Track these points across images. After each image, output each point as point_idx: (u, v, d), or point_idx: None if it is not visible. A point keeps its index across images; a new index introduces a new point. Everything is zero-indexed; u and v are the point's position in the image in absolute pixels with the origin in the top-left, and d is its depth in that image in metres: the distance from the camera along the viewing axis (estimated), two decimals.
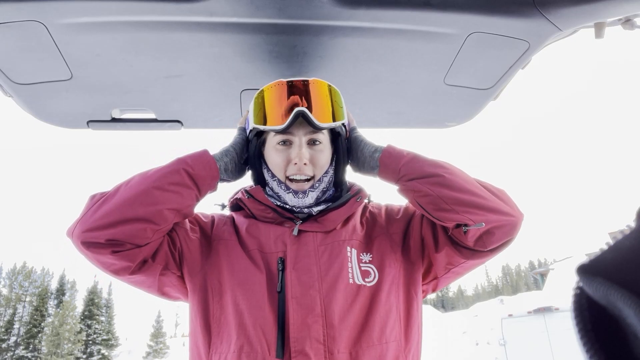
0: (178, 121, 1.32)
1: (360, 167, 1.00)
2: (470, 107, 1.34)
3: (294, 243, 0.91)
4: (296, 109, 0.90)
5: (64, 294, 47.92)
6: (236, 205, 1.03)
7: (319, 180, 0.95)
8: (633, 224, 0.25)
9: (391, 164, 0.93)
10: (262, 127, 0.94)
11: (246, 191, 0.97)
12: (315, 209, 0.94)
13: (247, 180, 1.05)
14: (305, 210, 0.94)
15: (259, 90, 0.97)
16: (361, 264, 0.90)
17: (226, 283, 0.89)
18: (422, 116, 1.38)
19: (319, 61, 1.12)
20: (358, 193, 0.98)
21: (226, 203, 1.04)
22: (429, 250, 0.95)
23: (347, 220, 0.97)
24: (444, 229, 0.93)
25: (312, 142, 0.95)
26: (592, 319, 0.25)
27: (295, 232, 0.91)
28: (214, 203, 1.04)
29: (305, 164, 0.92)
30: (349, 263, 0.89)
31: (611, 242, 0.25)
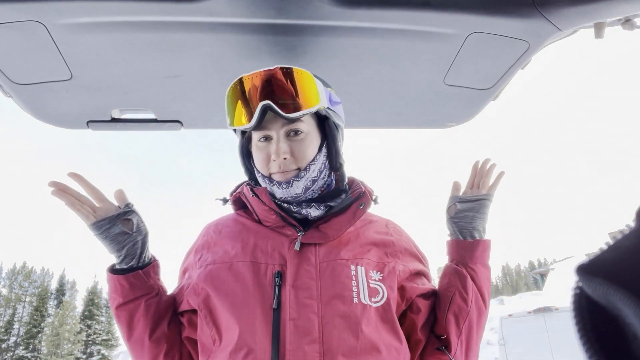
0: (178, 121, 1.32)
1: (457, 213, 1.06)
2: (470, 107, 1.34)
3: (295, 257, 0.84)
4: (261, 104, 0.84)
5: (64, 294, 47.93)
6: (238, 202, 0.99)
7: (305, 169, 0.88)
8: (633, 224, 0.25)
9: (480, 250, 1.01)
10: (234, 127, 0.91)
11: (251, 189, 0.94)
12: (313, 214, 0.89)
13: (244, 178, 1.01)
14: (303, 212, 0.88)
15: (228, 88, 0.91)
16: (370, 281, 0.85)
17: (217, 307, 0.84)
18: (422, 116, 1.38)
19: (318, 61, 1.11)
20: (360, 198, 0.92)
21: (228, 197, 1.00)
22: (409, 309, 0.95)
23: (357, 234, 0.92)
24: (434, 317, 0.98)
25: (292, 133, 0.88)
26: (592, 319, 0.25)
27: (297, 247, 0.85)
28: (215, 198, 1.00)
29: (285, 158, 0.86)
30: (353, 282, 0.83)
31: (611, 242, 0.25)
